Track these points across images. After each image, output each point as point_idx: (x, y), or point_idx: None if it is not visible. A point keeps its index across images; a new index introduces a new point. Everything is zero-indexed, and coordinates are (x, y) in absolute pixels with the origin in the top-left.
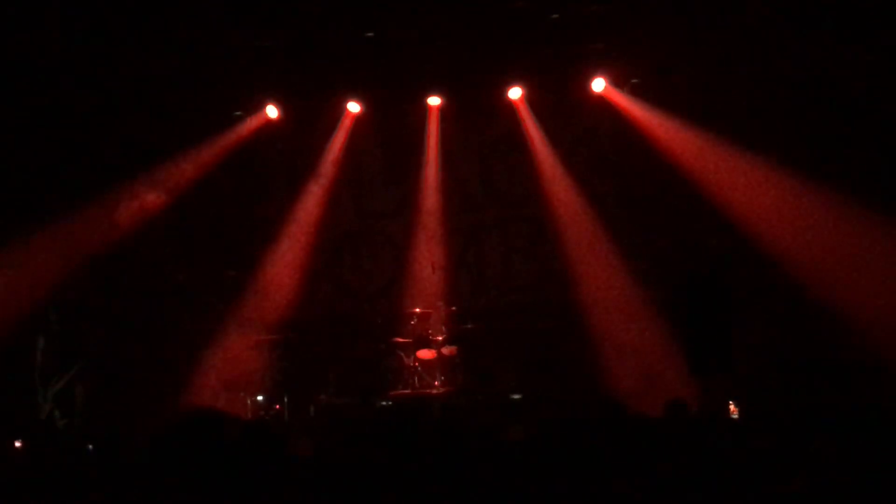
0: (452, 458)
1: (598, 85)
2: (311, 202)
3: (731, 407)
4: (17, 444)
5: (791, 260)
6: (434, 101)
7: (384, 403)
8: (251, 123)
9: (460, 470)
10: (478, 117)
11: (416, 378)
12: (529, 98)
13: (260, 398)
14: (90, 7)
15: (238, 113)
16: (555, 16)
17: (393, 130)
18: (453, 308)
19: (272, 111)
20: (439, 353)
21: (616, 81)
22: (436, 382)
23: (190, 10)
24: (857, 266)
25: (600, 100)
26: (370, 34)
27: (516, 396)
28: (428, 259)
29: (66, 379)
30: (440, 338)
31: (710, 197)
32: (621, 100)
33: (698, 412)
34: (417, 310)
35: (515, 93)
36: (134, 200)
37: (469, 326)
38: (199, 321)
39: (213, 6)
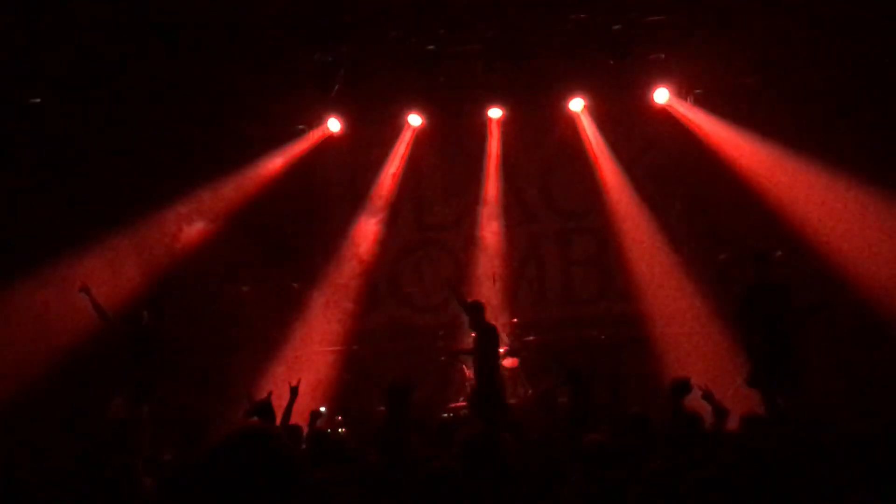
0: (516, 470)
1: (661, 95)
2: (373, 214)
3: None
4: None
5: (860, 273)
6: (495, 113)
7: (445, 416)
8: (314, 136)
9: (525, 481)
10: (539, 129)
11: None
12: (591, 109)
13: (322, 409)
14: (159, 23)
15: (301, 126)
16: (616, 27)
17: (454, 143)
18: (514, 320)
19: (334, 124)
20: (500, 365)
21: (679, 92)
22: None
23: (255, 24)
24: None
25: (663, 110)
26: (431, 47)
27: None
28: (489, 271)
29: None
30: (501, 350)
31: (776, 208)
32: (684, 110)
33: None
34: None
35: (577, 104)
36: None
37: (530, 338)
38: (263, 333)
39: (277, 21)
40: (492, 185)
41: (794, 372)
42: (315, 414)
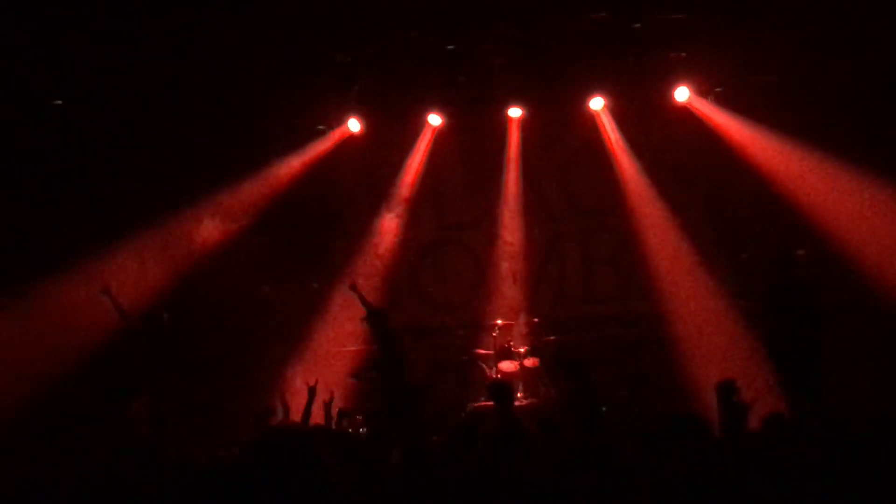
0: (539, 468)
1: (682, 94)
2: (393, 214)
3: None
4: None
5: (884, 272)
6: (515, 112)
7: (463, 414)
8: (334, 137)
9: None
10: (559, 128)
11: None
12: (611, 108)
13: (342, 408)
14: (182, 25)
15: (321, 126)
16: (636, 25)
17: (474, 142)
18: (535, 319)
19: (355, 125)
20: (521, 364)
21: (699, 90)
22: (518, 394)
23: (276, 26)
24: None
25: (683, 109)
26: (451, 47)
27: (602, 409)
28: (509, 270)
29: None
30: (522, 349)
31: (797, 206)
32: (705, 108)
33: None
34: (499, 321)
35: (597, 103)
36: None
37: (551, 338)
38: (284, 333)
39: (297, 22)
40: (512, 185)
41: (817, 373)
42: (342, 413)
